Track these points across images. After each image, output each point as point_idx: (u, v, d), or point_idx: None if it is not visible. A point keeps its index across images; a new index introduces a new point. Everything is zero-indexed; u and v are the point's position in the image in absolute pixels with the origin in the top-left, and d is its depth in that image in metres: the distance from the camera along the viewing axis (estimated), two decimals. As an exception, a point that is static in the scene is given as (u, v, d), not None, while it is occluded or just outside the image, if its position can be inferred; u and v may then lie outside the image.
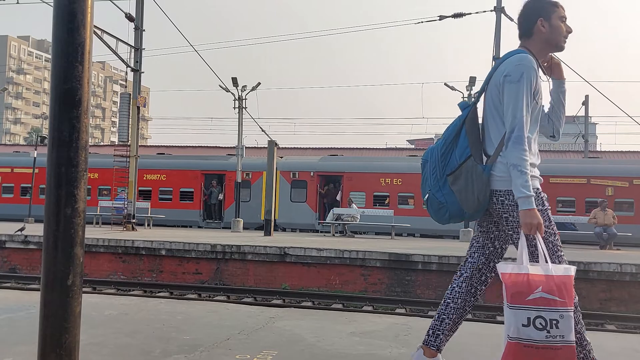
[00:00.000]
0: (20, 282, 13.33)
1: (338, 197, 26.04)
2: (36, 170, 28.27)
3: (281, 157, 27.52)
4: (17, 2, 20.64)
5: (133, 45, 19.85)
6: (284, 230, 26.16)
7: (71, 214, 2.44)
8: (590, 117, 35.22)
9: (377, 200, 25.51)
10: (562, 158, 35.41)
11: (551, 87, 3.41)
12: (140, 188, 26.31)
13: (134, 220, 19.36)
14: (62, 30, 2.48)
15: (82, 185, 2.48)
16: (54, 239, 2.44)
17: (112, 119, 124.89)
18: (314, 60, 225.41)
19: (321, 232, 25.23)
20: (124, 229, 18.93)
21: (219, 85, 22.93)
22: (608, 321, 10.35)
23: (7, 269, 15.00)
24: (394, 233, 21.19)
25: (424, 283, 12.64)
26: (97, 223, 22.60)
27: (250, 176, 26.99)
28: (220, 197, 27.25)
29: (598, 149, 56.37)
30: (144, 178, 26.56)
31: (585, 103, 32.86)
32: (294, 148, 41.53)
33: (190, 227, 26.10)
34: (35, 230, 16.74)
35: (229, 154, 30.15)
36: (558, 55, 3.47)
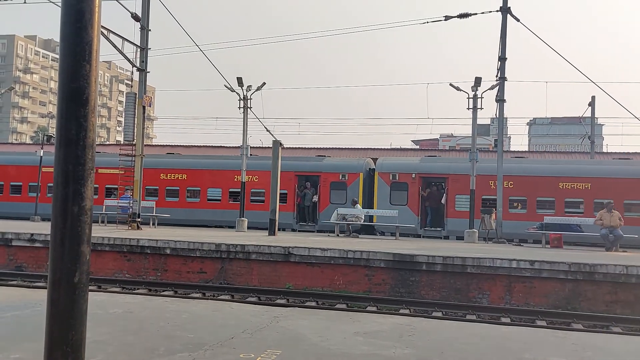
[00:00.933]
0: (26, 280, 13.39)
1: (443, 201, 24.28)
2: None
3: (382, 159, 26.67)
4: (25, 2, 20.73)
5: (139, 44, 19.90)
6: (382, 233, 24.47)
7: (78, 211, 2.46)
8: (597, 118, 35.11)
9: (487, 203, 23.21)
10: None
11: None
12: (230, 189, 26.03)
13: (139, 219, 19.41)
14: (70, 29, 2.50)
15: (89, 183, 2.49)
16: (61, 237, 2.46)
17: (118, 119, 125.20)
18: (318, 61, 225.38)
19: (423, 236, 23.75)
20: (129, 227, 18.98)
21: (224, 85, 22.95)
22: (614, 323, 10.32)
23: (14, 267, 15.07)
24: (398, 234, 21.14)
25: (428, 284, 12.63)
26: (103, 222, 22.67)
27: (347, 177, 25.39)
28: (315, 199, 25.48)
29: (604, 150, 56.16)
30: (234, 179, 25.28)
31: (591, 104, 32.74)
32: (299, 148, 41.52)
33: (284, 229, 23.90)
34: (42, 228, 16.81)
35: (319, 155, 29.18)
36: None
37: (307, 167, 26.38)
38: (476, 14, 21.45)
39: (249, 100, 23.50)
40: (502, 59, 22.10)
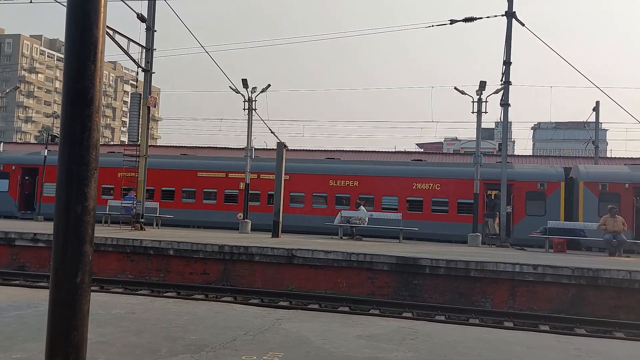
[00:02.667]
0: (29, 280, 13.41)
1: None
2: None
3: (583, 166, 24.78)
4: (30, 2, 20.79)
5: (144, 45, 19.94)
6: (589, 249, 21.86)
7: (81, 212, 2.45)
8: (601, 123, 34.95)
9: None
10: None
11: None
12: (408, 198, 24.63)
13: (142, 220, 19.44)
14: (76, 29, 2.50)
15: (93, 184, 2.49)
16: (64, 237, 2.46)
17: (123, 119, 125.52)
18: (322, 63, 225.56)
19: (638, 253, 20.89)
20: (133, 228, 19.01)
21: (229, 87, 23.01)
22: (617, 328, 10.27)
23: (16, 266, 15.10)
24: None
25: (431, 287, 12.60)
26: (106, 222, 22.71)
27: (545, 187, 23.75)
28: (509, 209, 23.16)
29: (608, 155, 56.05)
30: (413, 187, 24.27)
31: (595, 109, 32.65)
32: (303, 150, 41.52)
33: (465, 242, 21.29)
34: (44, 228, 16.84)
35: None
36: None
37: (496, 175, 23.30)
38: (481, 18, 21.46)
39: (253, 102, 23.53)
40: (507, 63, 22.07)
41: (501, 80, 22.22)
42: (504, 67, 22.14)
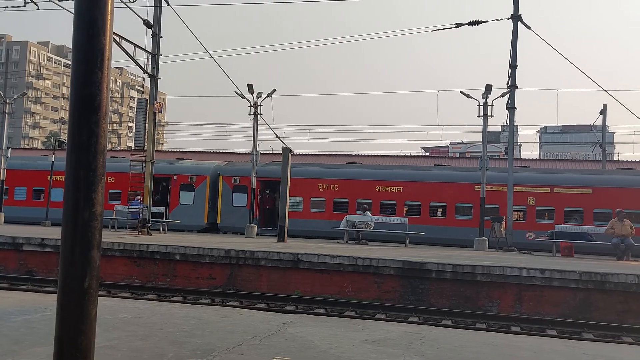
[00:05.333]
0: (36, 285, 13.45)
1: None
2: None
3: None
4: (38, 9, 20.96)
5: (150, 51, 20.05)
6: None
7: (89, 217, 2.47)
8: (608, 126, 34.90)
9: None
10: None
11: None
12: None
13: (148, 225, 19.49)
14: (83, 36, 2.53)
15: (100, 189, 2.51)
16: (72, 242, 2.48)
17: (129, 124, 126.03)
18: (327, 68, 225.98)
19: None
20: (139, 233, 19.06)
21: (235, 92, 23.07)
22: (625, 333, 10.20)
23: (24, 271, 15.15)
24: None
25: (437, 292, 12.57)
26: (113, 227, 22.77)
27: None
28: None
29: (616, 158, 55.78)
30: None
31: (603, 112, 32.56)
32: (309, 155, 41.56)
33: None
34: (52, 233, 16.92)
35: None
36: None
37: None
38: (487, 21, 21.45)
39: (259, 107, 23.58)
40: (513, 66, 22.04)
41: (507, 84, 22.19)
42: (510, 70, 22.11)
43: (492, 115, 21.80)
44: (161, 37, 20.40)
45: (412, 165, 32.67)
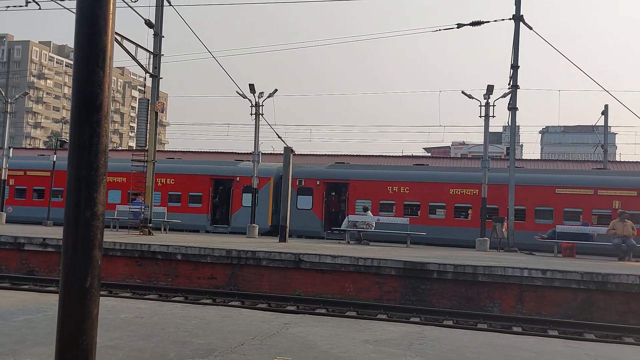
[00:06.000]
0: (38, 285, 13.46)
1: None
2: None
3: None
4: (40, 8, 20.98)
5: (152, 51, 20.06)
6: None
7: (90, 216, 2.47)
8: (610, 127, 34.85)
9: None
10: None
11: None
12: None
13: (150, 225, 19.51)
14: (84, 35, 2.53)
15: (102, 189, 2.51)
16: (73, 242, 2.48)
17: (131, 124, 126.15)
18: (328, 68, 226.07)
19: None
20: (141, 233, 19.07)
21: (237, 92, 23.08)
22: (626, 334, 10.19)
23: (26, 271, 15.17)
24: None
25: (439, 292, 12.56)
26: (115, 227, 22.79)
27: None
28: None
29: (617, 159, 55.73)
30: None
31: (604, 112, 32.53)
32: (310, 155, 41.56)
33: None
34: (54, 233, 16.93)
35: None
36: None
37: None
38: (489, 21, 21.44)
39: (260, 107, 23.58)
40: (515, 67, 22.03)
41: (509, 84, 22.18)
42: (512, 70, 22.10)
43: (493, 116, 21.82)
44: (163, 37, 20.42)
45: (490, 168, 31.95)
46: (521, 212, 23.28)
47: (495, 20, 21.87)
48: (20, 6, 20.63)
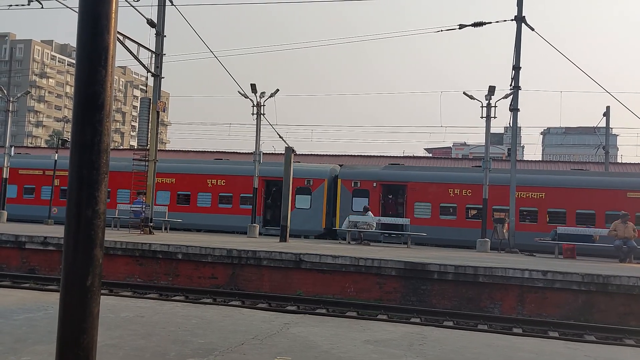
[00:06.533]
0: (39, 283, 13.47)
1: None
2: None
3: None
4: (42, 7, 20.99)
5: (154, 50, 20.07)
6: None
7: (91, 215, 2.47)
8: (611, 128, 34.81)
9: None
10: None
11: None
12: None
13: (151, 224, 19.51)
14: (87, 34, 2.53)
15: (103, 188, 2.51)
16: (74, 240, 2.48)
17: (132, 123, 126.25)
18: (330, 68, 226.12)
19: None
20: (142, 232, 19.08)
21: (238, 92, 23.09)
22: (627, 336, 10.18)
23: (27, 269, 15.18)
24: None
25: (439, 293, 12.56)
26: (116, 226, 22.80)
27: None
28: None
29: (619, 160, 55.70)
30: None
31: (606, 114, 32.50)
32: (311, 155, 41.56)
33: None
34: (55, 231, 16.94)
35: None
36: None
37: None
38: (491, 22, 21.41)
39: (262, 107, 23.59)
40: (517, 67, 22.01)
41: (510, 85, 22.16)
42: (514, 71, 22.08)
43: (495, 117, 21.80)
44: (165, 36, 20.42)
45: (555, 170, 30.71)
46: (590, 215, 22.87)
47: (497, 21, 21.85)
48: (22, 5, 20.65)
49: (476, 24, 21.34)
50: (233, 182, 26.61)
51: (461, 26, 21.51)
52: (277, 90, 23.83)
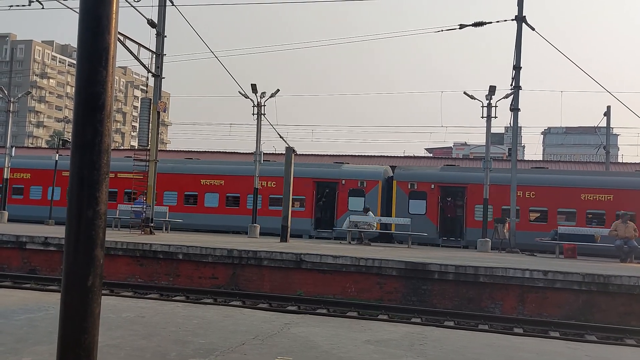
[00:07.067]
0: (39, 283, 13.48)
1: None
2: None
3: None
4: (43, 8, 21.00)
5: (154, 51, 20.07)
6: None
7: (92, 216, 2.48)
8: (612, 128, 34.79)
9: None
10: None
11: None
12: None
13: (152, 224, 19.52)
14: (88, 35, 2.53)
15: (104, 188, 2.51)
16: (75, 241, 2.48)
17: (133, 124, 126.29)
18: (331, 68, 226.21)
19: None
20: (142, 232, 19.08)
21: (239, 92, 23.08)
22: (628, 335, 10.18)
23: (28, 270, 15.19)
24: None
25: (440, 293, 12.55)
26: (116, 226, 22.81)
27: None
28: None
29: (620, 160, 55.67)
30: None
31: (607, 114, 32.49)
32: (312, 155, 41.56)
33: None
34: (56, 232, 16.95)
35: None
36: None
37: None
38: (491, 22, 21.41)
39: (263, 107, 23.58)
40: (517, 67, 22.01)
41: (511, 85, 22.16)
42: (514, 71, 22.07)
43: (495, 117, 21.80)
44: (165, 36, 20.43)
45: (625, 172, 29.90)
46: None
47: (498, 21, 21.85)
48: (23, 5, 20.65)
49: (477, 24, 21.34)
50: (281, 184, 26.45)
51: (462, 26, 21.51)
52: (278, 90, 23.83)
